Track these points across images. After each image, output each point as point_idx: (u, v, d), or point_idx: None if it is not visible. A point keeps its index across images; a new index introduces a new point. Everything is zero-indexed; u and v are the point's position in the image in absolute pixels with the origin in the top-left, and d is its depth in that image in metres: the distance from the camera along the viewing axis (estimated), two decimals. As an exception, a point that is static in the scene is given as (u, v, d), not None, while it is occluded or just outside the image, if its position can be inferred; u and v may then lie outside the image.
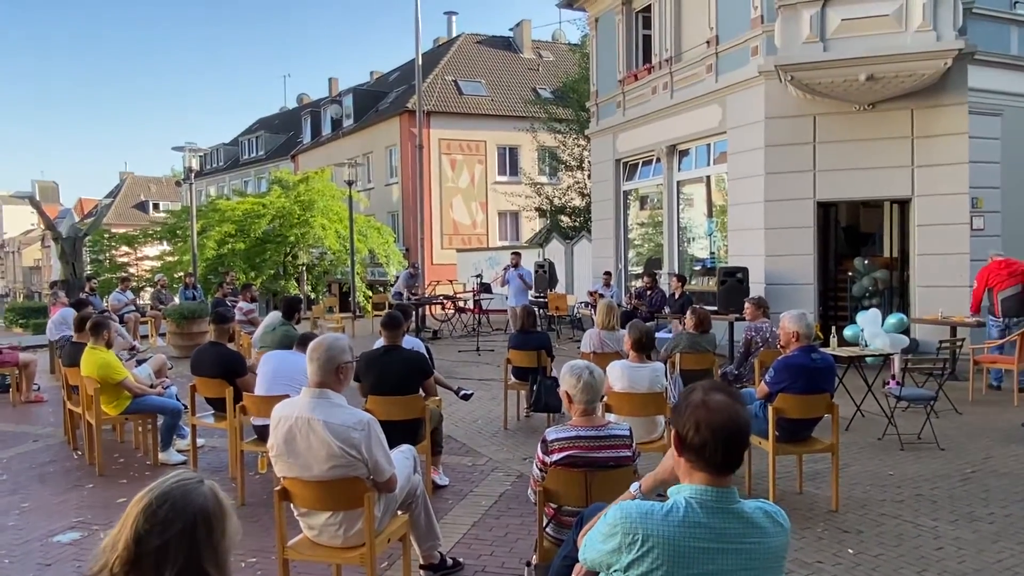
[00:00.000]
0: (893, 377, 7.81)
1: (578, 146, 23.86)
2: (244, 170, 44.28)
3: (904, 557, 4.23)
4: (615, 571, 1.94)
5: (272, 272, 24.92)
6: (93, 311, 8.27)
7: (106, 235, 34.70)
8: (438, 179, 29.83)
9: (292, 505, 3.34)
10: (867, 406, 7.52)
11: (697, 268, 14.01)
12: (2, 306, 40.83)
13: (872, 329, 9.14)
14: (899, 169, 10.70)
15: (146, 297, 23.42)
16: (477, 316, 15.53)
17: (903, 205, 11.21)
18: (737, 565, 1.87)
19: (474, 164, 30.83)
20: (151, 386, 6.59)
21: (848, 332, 9.62)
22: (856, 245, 12.67)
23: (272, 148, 43.36)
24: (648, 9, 14.59)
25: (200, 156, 23.21)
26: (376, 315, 16.15)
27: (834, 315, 11.44)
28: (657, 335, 11.07)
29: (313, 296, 25.28)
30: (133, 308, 15.57)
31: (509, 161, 31.06)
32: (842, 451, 5.44)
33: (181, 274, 18.65)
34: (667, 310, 11.86)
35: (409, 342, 5.59)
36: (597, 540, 2.01)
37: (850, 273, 11.83)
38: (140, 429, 6.67)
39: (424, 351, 5.87)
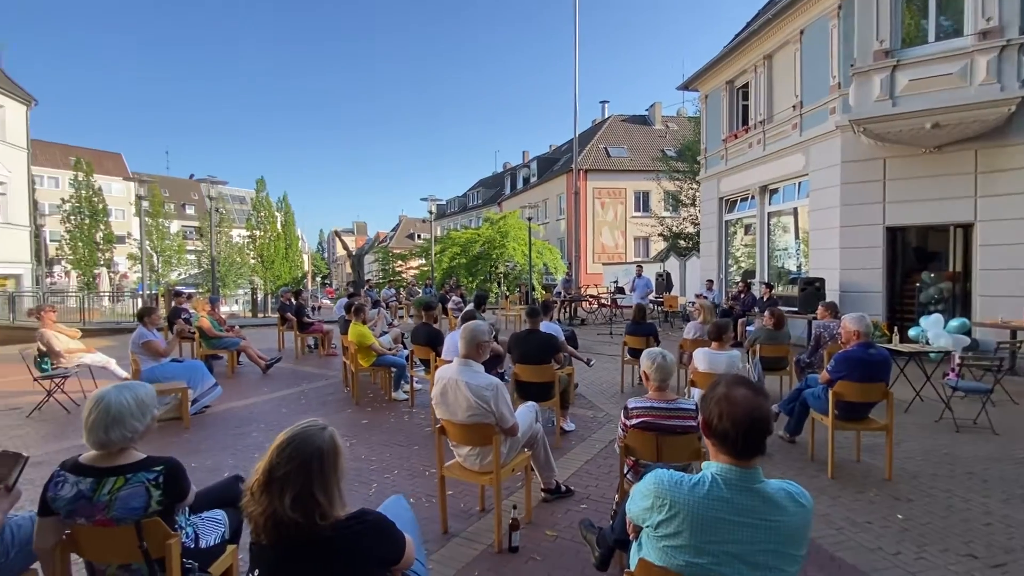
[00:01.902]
0: (954, 370, 6.31)
1: (692, 189, 22.32)
2: (469, 213, 46.10)
3: (952, 528, 3.29)
4: (648, 526, 1.57)
5: (483, 277, 25.63)
6: (368, 300, 8.79)
7: (389, 255, 37.97)
8: (591, 215, 29.24)
9: (447, 438, 3.24)
10: (925, 394, 6.14)
11: (791, 279, 12.41)
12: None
13: (935, 330, 7.57)
14: (963, 199, 8.71)
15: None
16: (612, 310, 14.94)
17: (967, 229, 9.15)
18: (756, 538, 1.42)
19: (617, 204, 29.79)
20: (389, 349, 6.92)
21: (912, 332, 8.03)
22: (924, 261, 10.51)
23: (487, 198, 44.80)
24: (746, 85, 13.20)
25: (439, 204, 24.50)
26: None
27: (901, 318, 9.60)
28: (747, 329, 9.98)
29: (508, 293, 25.74)
30: (395, 299, 16.73)
31: (642, 202, 29.72)
32: (899, 430, 4.44)
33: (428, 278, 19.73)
34: (755, 309, 10.64)
35: (546, 327, 5.32)
36: (637, 497, 1.64)
37: (918, 284, 9.89)
38: (382, 376, 7.00)
39: (558, 333, 5.57)
